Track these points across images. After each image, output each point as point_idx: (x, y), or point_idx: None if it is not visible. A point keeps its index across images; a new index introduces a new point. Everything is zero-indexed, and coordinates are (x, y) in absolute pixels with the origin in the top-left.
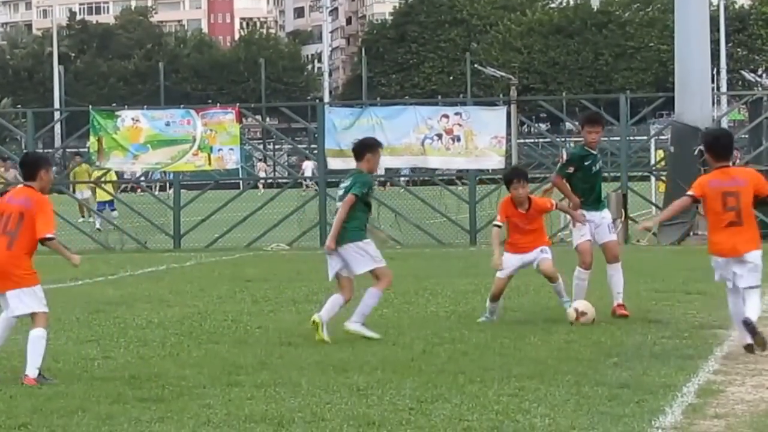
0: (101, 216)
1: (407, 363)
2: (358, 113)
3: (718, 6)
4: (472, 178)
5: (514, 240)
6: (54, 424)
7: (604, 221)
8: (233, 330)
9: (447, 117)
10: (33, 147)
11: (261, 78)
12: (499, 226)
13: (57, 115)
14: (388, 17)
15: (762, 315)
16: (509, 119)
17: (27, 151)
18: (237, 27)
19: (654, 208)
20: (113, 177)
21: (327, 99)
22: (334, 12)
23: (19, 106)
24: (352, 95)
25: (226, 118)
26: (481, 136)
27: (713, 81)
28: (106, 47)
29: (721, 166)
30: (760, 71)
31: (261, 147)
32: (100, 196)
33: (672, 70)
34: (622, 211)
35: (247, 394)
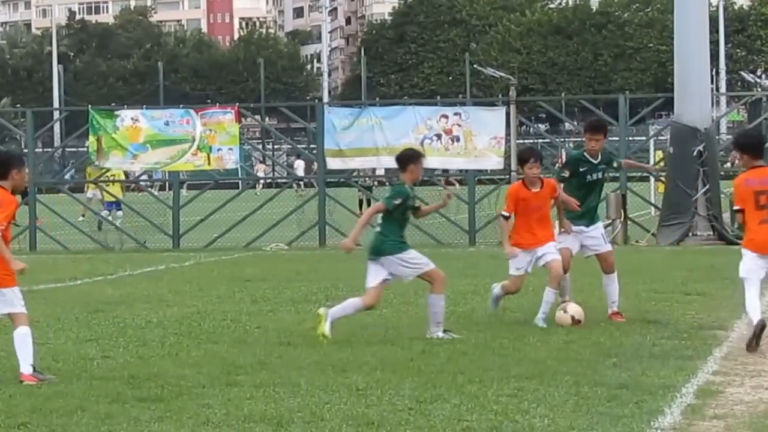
0: (100, 216)
1: (406, 363)
2: (357, 113)
3: (717, 7)
4: (471, 178)
5: (521, 233)
6: (53, 423)
7: (597, 231)
8: (232, 330)
9: (446, 117)
10: (33, 146)
11: (260, 78)
12: (507, 216)
13: (56, 115)
14: (387, 17)
15: (761, 316)
16: (508, 120)
17: (0, 151)
18: (236, 27)
19: (653, 208)
20: (122, 176)
21: (326, 99)
22: (333, 12)
23: (19, 105)
24: (351, 95)
25: (225, 117)
26: (481, 136)
27: (712, 82)
28: (105, 47)
29: (758, 165)
30: (759, 72)
31: (260, 147)
32: (108, 196)
33: (671, 70)
34: (621, 212)
35: (246, 393)
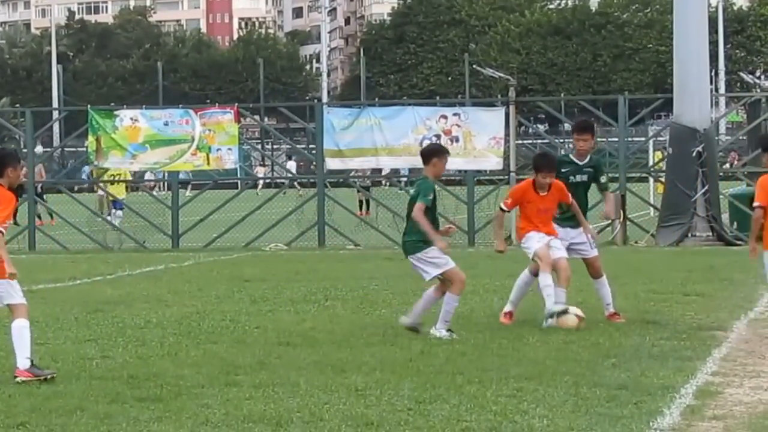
0: (105, 219)
1: (405, 363)
2: (356, 113)
3: (716, 7)
4: (470, 178)
5: (525, 225)
6: (52, 423)
7: (582, 236)
8: (231, 330)
9: (445, 118)
10: (32, 146)
11: (259, 78)
12: (506, 210)
13: (56, 115)
14: (386, 18)
15: (761, 317)
16: (507, 120)
17: None
18: (236, 27)
19: (652, 209)
20: (128, 176)
21: (325, 99)
22: (332, 12)
23: (18, 105)
24: (350, 95)
25: (224, 118)
26: (480, 136)
27: (712, 82)
28: (104, 47)
29: None
30: (758, 73)
31: (259, 147)
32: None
33: (670, 71)
34: (620, 212)
35: (246, 394)
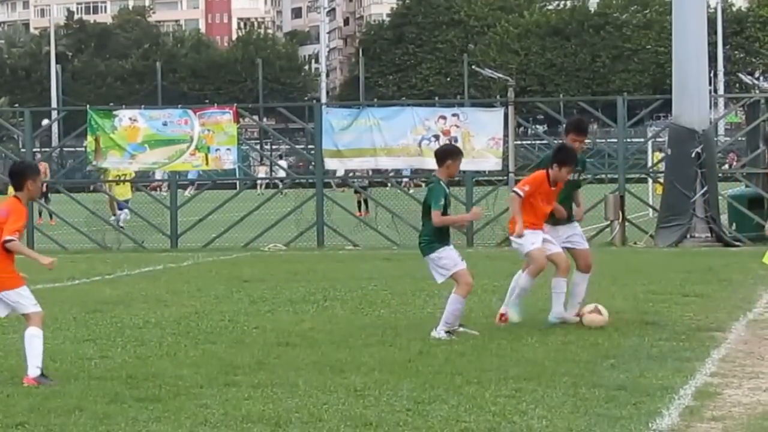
0: (110, 223)
1: (404, 364)
2: (355, 114)
3: (715, 8)
4: (469, 179)
5: (529, 217)
6: (51, 423)
7: (573, 229)
8: (230, 330)
9: (444, 118)
10: (30, 146)
11: (258, 78)
12: (521, 195)
13: (54, 115)
14: (385, 18)
15: (760, 318)
16: (506, 121)
17: (15, 161)
18: (234, 27)
19: (651, 210)
20: (132, 175)
21: (324, 99)
22: (331, 12)
23: (17, 105)
24: (349, 96)
25: (223, 118)
26: (479, 137)
27: (711, 83)
28: (103, 47)
29: None
30: (757, 74)
31: (258, 147)
32: (118, 194)
33: (669, 72)
34: (619, 213)
35: (245, 394)
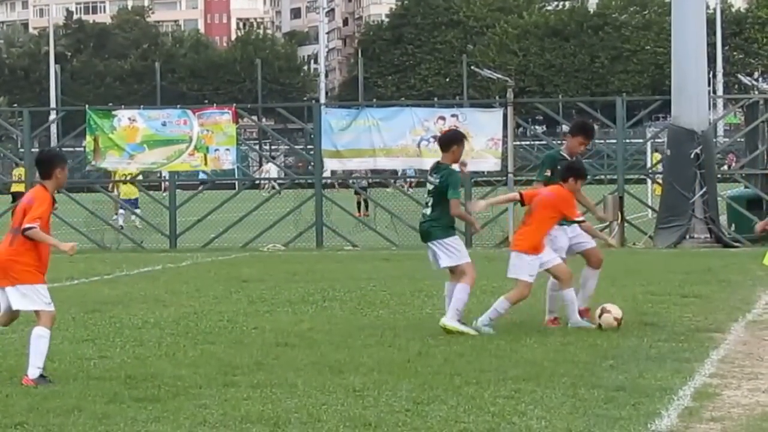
0: (133, 212)
1: (403, 364)
2: (354, 114)
3: (714, 9)
4: (467, 179)
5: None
6: (50, 423)
7: (575, 229)
8: (229, 330)
9: (443, 119)
10: (29, 146)
11: (257, 78)
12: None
13: (53, 115)
14: (384, 18)
15: (759, 319)
16: (505, 121)
17: (42, 149)
18: (233, 27)
19: (650, 211)
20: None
21: (323, 100)
22: (330, 13)
23: (15, 105)
24: (348, 96)
25: (222, 118)
26: (478, 138)
27: (710, 84)
28: (102, 47)
29: None
30: (756, 75)
31: (257, 147)
32: (125, 194)
33: (668, 73)
34: (618, 214)
35: (244, 394)
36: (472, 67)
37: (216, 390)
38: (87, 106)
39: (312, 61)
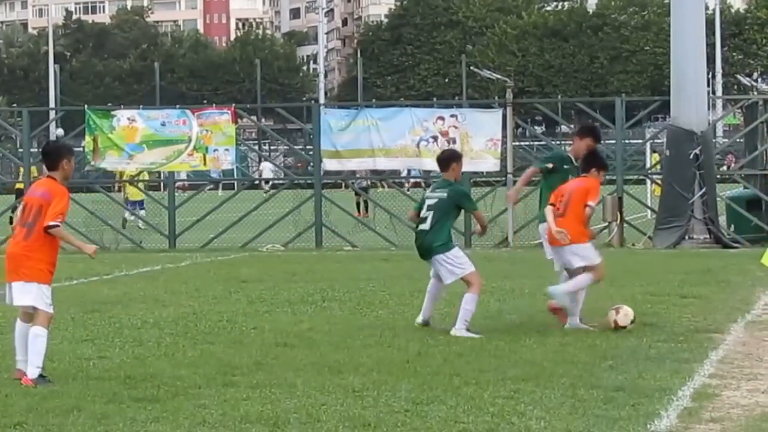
0: (134, 213)
1: (402, 365)
2: (354, 114)
3: (714, 10)
4: (467, 180)
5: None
6: (49, 423)
7: None
8: (228, 330)
9: (442, 119)
10: (28, 146)
11: (257, 78)
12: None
13: (52, 114)
14: (383, 19)
15: (758, 319)
16: (505, 122)
17: (48, 141)
18: (233, 27)
19: (649, 211)
20: (146, 176)
21: (322, 100)
22: (329, 13)
23: (15, 105)
24: (347, 96)
25: (221, 118)
26: (477, 138)
27: (709, 85)
28: (101, 47)
29: None
30: (755, 75)
31: (256, 148)
32: (132, 195)
33: (668, 73)
34: (617, 214)
35: (243, 394)
36: (471, 68)
37: (215, 390)
38: (86, 106)
39: (311, 62)
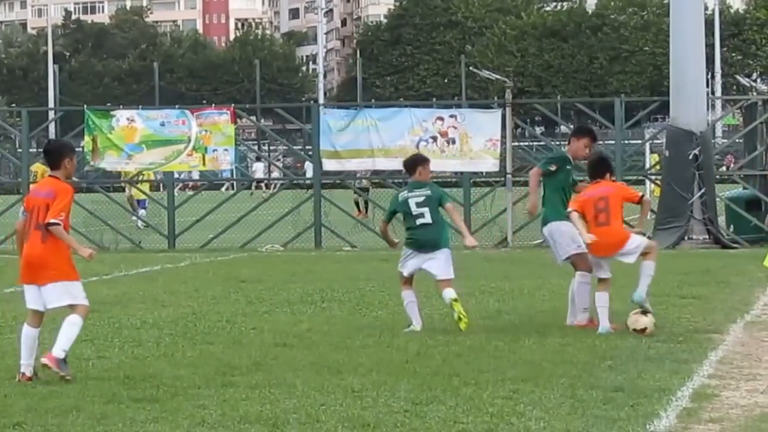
0: (134, 214)
1: (402, 365)
2: (353, 115)
3: (713, 10)
4: (466, 180)
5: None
6: (48, 423)
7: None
8: (228, 331)
9: (442, 119)
10: (27, 146)
11: (256, 79)
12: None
13: (51, 115)
14: (382, 19)
15: (757, 320)
16: (504, 122)
17: (50, 139)
18: (232, 27)
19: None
20: (151, 176)
21: (322, 100)
22: (329, 13)
23: (14, 105)
24: (346, 97)
25: (221, 118)
26: (476, 138)
27: (708, 85)
28: (101, 47)
29: None
30: (754, 76)
31: (256, 148)
32: (137, 194)
33: (667, 73)
34: None
35: (242, 394)
36: (470, 68)
37: (214, 390)
38: (85, 106)
39: (310, 62)
